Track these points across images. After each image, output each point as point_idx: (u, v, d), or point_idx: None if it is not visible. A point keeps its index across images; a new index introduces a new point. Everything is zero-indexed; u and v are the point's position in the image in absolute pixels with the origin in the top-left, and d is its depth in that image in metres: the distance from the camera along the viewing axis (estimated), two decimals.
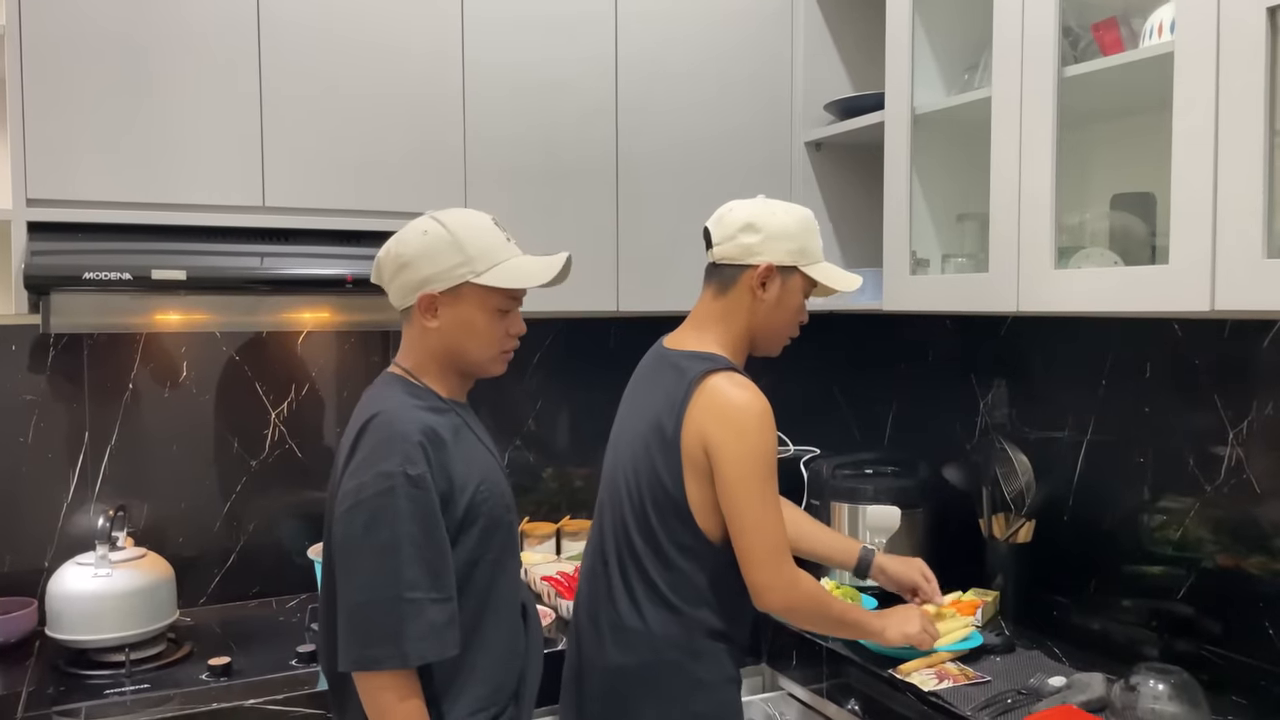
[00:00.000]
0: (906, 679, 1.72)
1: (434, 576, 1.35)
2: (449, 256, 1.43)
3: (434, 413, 1.44)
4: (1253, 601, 1.76)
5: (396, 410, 1.41)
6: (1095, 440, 2.06)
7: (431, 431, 1.40)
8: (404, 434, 1.38)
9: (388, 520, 1.34)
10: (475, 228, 1.46)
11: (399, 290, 1.46)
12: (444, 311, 1.46)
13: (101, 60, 1.77)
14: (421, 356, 1.50)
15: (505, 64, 2.09)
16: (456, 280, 1.43)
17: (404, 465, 1.35)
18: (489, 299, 1.46)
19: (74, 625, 1.82)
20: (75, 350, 2.09)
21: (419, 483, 1.35)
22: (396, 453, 1.36)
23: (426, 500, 1.36)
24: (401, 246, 1.44)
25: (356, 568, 1.35)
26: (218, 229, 1.87)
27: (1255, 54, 1.37)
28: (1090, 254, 1.76)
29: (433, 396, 1.48)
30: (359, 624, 1.34)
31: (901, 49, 2.06)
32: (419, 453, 1.37)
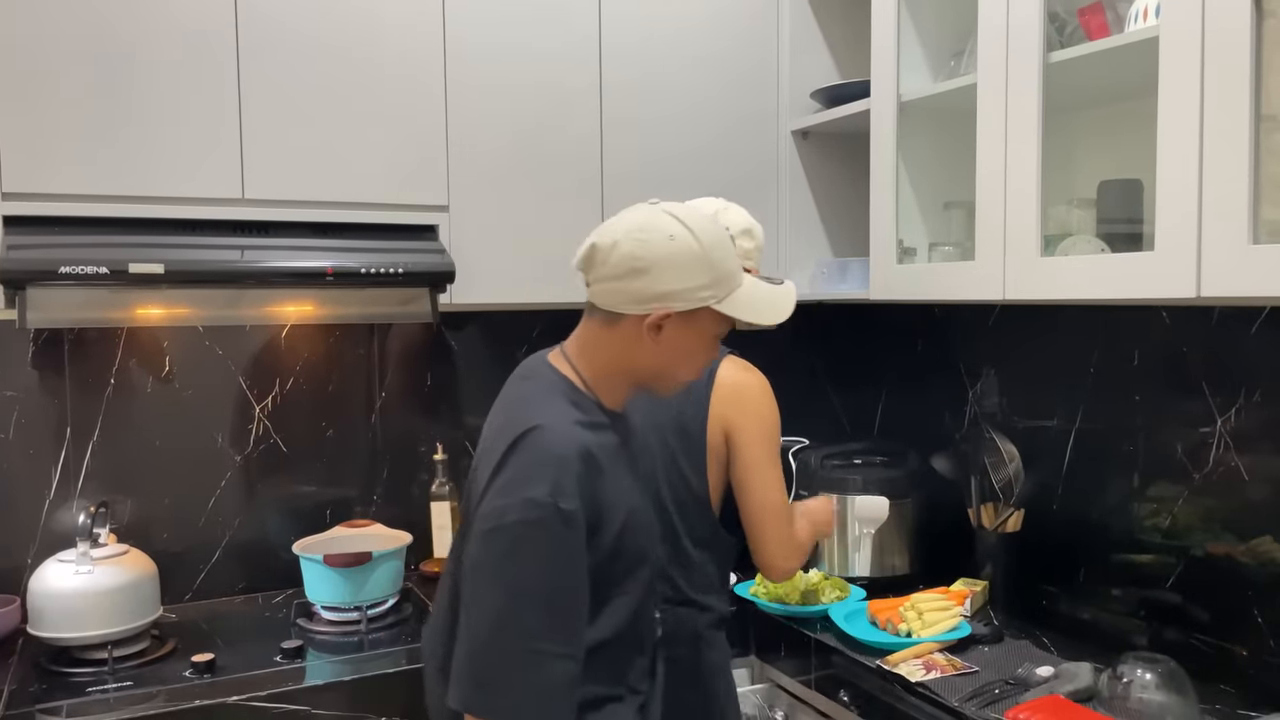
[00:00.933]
0: (894, 670, 1.71)
1: (565, 630, 1.20)
2: (697, 274, 1.27)
3: (595, 430, 1.29)
4: (1241, 590, 1.76)
5: (557, 426, 1.25)
6: (1084, 429, 2.05)
7: (590, 455, 1.24)
8: (561, 458, 1.22)
9: (527, 556, 1.19)
10: (722, 243, 1.29)
11: (626, 295, 1.28)
12: (669, 332, 1.29)
13: (77, 52, 1.75)
14: (610, 366, 1.34)
15: (488, 52, 2.07)
16: (698, 304, 1.28)
17: (555, 496, 1.19)
18: (718, 325, 1.32)
19: (56, 623, 1.80)
20: (56, 345, 2.07)
21: (570, 520, 1.20)
22: (549, 480, 1.20)
23: (574, 541, 1.21)
24: (642, 248, 1.26)
25: (484, 599, 1.21)
26: (197, 222, 1.86)
27: (1240, 38, 1.36)
28: (1077, 242, 1.75)
29: (596, 409, 1.33)
30: (474, 662, 1.20)
31: (887, 36, 2.04)
32: (574, 483, 1.21)
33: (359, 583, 2.00)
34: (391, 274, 1.89)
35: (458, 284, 2.02)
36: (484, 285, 2.08)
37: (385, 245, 1.94)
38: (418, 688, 1.79)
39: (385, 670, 1.78)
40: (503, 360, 2.46)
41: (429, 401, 2.41)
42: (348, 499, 2.34)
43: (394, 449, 2.38)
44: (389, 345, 2.37)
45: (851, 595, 2.06)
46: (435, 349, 2.41)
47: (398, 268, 1.89)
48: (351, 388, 2.33)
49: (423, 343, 2.40)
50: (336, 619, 2.02)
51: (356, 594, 2.00)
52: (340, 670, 1.78)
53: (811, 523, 1.77)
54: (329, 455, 2.31)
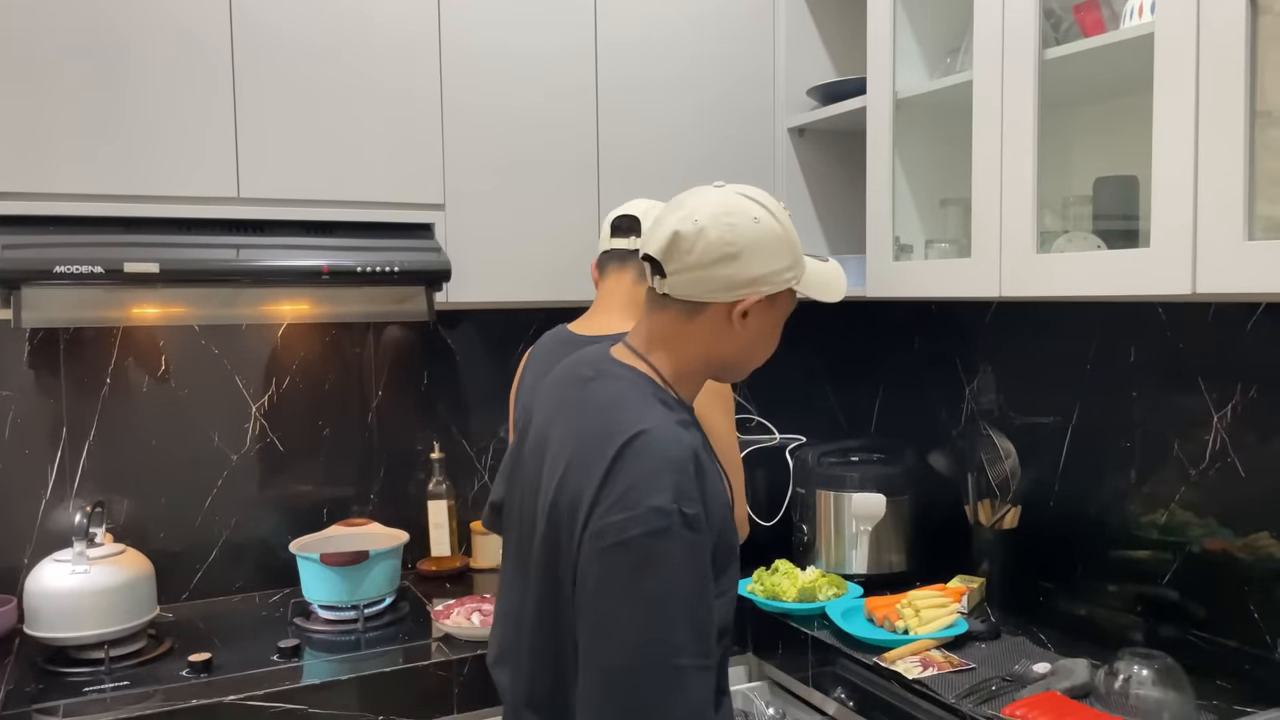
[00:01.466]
0: (891, 666, 1.71)
1: (704, 640, 1.15)
2: (783, 256, 1.25)
3: (690, 429, 1.24)
4: (1238, 585, 1.76)
5: (663, 428, 1.19)
6: (1080, 425, 2.05)
7: (696, 454, 1.19)
8: (678, 462, 1.16)
9: (662, 568, 1.12)
10: (788, 221, 1.28)
11: (716, 283, 1.23)
12: (754, 318, 1.26)
13: (72, 50, 1.75)
14: (692, 359, 1.29)
15: (483, 50, 2.07)
16: (784, 285, 1.25)
17: (679, 501, 1.13)
18: (787, 306, 1.30)
19: (52, 622, 1.80)
20: (51, 345, 2.07)
21: (695, 524, 1.14)
22: (670, 486, 1.14)
23: (701, 545, 1.16)
24: (731, 232, 1.22)
25: (621, 621, 1.13)
26: (192, 221, 1.85)
27: (1235, 34, 1.36)
28: (1073, 238, 1.76)
29: (682, 407, 1.28)
30: (622, 691, 1.12)
31: (883, 32, 2.04)
32: (694, 486, 1.16)
33: (356, 582, 2.00)
34: (387, 272, 1.88)
35: (453, 282, 2.01)
36: (480, 284, 2.07)
37: (381, 244, 1.93)
38: (415, 686, 1.79)
39: (382, 669, 1.77)
40: (499, 359, 2.46)
41: (426, 400, 2.41)
42: (344, 498, 2.33)
43: (391, 448, 2.38)
44: (385, 344, 2.37)
45: (848, 592, 2.06)
46: (431, 348, 2.41)
47: (393, 266, 1.89)
48: (348, 386, 2.33)
49: (419, 341, 2.40)
50: (333, 618, 2.02)
51: (353, 593, 2.00)
52: (337, 669, 1.78)
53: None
54: (325, 454, 2.31)
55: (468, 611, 1.95)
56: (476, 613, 1.94)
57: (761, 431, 2.55)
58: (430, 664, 1.81)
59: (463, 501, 2.43)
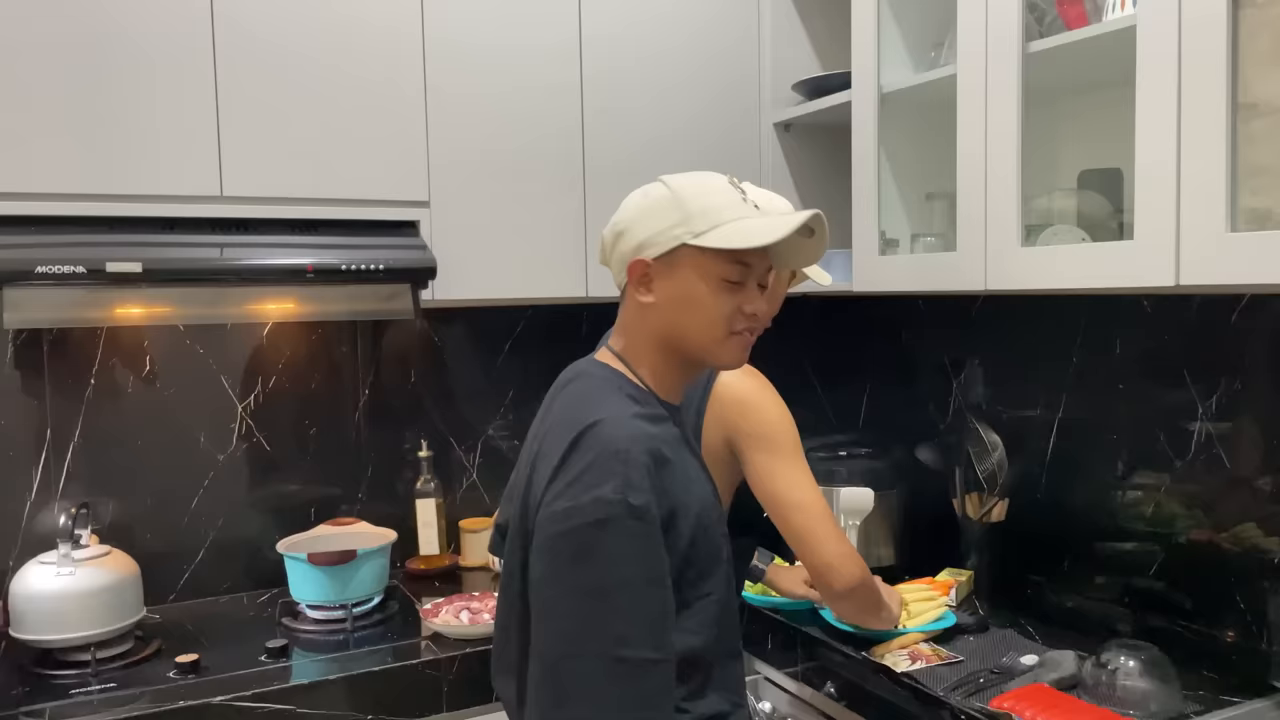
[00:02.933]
0: (880, 660, 1.71)
1: (653, 632, 1.12)
2: (666, 216, 1.23)
3: (655, 421, 1.23)
4: (1224, 576, 1.77)
5: (618, 419, 1.19)
6: (1067, 418, 2.06)
7: (655, 449, 1.18)
8: (626, 452, 1.15)
9: (602, 558, 1.11)
10: (701, 184, 1.25)
11: (616, 262, 1.29)
12: (660, 284, 1.25)
13: (53, 48, 1.73)
14: (639, 341, 1.30)
15: (467, 47, 2.06)
16: (672, 243, 1.23)
17: (625, 492, 1.12)
18: (710, 266, 1.23)
19: (38, 625, 1.79)
20: (35, 346, 2.06)
21: (642, 514, 1.13)
22: (616, 475, 1.13)
23: (651, 536, 1.14)
24: (620, 213, 1.28)
25: (558, 611, 1.13)
26: (175, 220, 1.84)
27: (1217, 26, 1.36)
28: (1058, 231, 1.76)
29: (652, 400, 1.28)
30: (558, 682, 1.11)
31: (867, 26, 2.04)
32: (643, 477, 1.14)
33: (344, 581, 2.00)
34: (372, 270, 1.88)
35: (440, 280, 2.01)
36: (466, 281, 2.07)
37: (366, 242, 1.93)
38: (403, 685, 1.79)
39: (371, 668, 1.77)
40: (486, 356, 2.46)
41: (413, 398, 2.40)
42: (332, 497, 2.33)
43: (378, 446, 2.37)
44: (372, 342, 2.36)
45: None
46: (418, 346, 2.40)
47: (378, 264, 1.89)
48: (335, 385, 2.32)
49: (406, 339, 2.39)
50: (322, 617, 2.02)
51: (341, 592, 2.00)
52: (326, 669, 1.77)
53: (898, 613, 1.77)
54: (313, 453, 2.30)
55: (456, 610, 1.95)
56: (465, 611, 1.94)
57: None
58: (419, 663, 1.80)
59: (451, 500, 2.43)
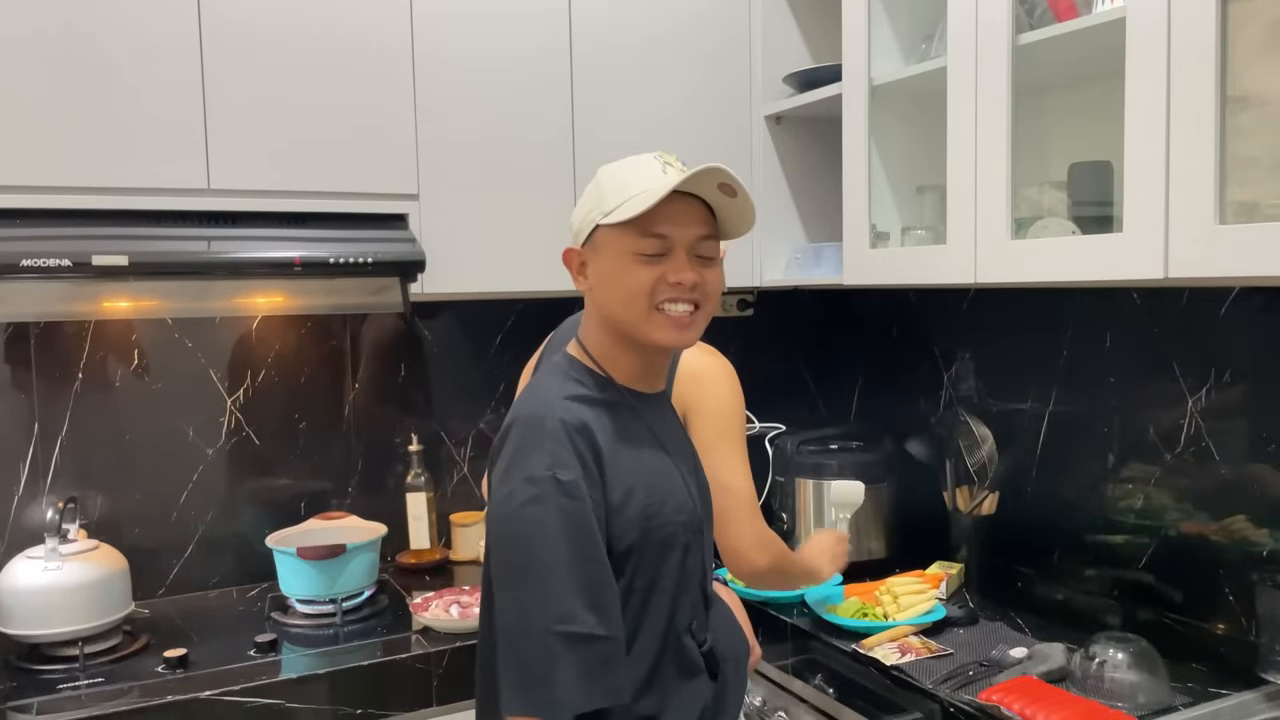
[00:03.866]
0: (870, 653, 1.72)
1: (595, 606, 1.14)
2: (587, 202, 1.28)
3: (597, 405, 1.24)
4: (1213, 569, 1.77)
5: (547, 401, 1.22)
6: (1057, 411, 2.06)
7: (583, 426, 1.19)
8: (552, 431, 1.17)
9: (536, 535, 1.14)
10: (623, 167, 1.26)
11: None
12: (591, 270, 1.29)
13: (37, 41, 1.72)
14: (591, 328, 1.33)
15: (456, 38, 2.05)
16: (588, 226, 1.26)
17: (553, 468, 1.15)
18: (621, 242, 1.23)
19: (25, 620, 1.78)
20: (22, 340, 2.04)
21: (571, 490, 1.14)
22: (545, 454, 1.16)
23: (581, 511, 1.15)
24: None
25: (508, 594, 1.16)
26: (162, 213, 1.83)
27: (1206, 18, 1.36)
28: (1048, 224, 1.75)
29: (603, 383, 1.28)
30: (513, 663, 1.14)
31: (858, 19, 2.03)
32: (569, 453, 1.16)
33: (334, 575, 1.99)
34: (361, 263, 1.87)
35: (429, 273, 2.00)
36: (455, 274, 2.06)
37: (354, 235, 1.92)
38: (393, 680, 1.79)
39: (361, 662, 1.77)
40: (477, 349, 2.45)
41: (403, 392, 2.39)
42: (322, 491, 2.32)
43: (368, 440, 2.36)
44: (361, 336, 2.35)
45: None
46: (408, 339, 2.40)
47: (367, 257, 1.88)
48: (324, 379, 2.31)
49: (395, 333, 2.38)
50: (311, 612, 2.01)
51: (331, 586, 1.99)
52: (315, 663, 1.77)
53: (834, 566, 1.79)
54: (302, 447, 2.30)
55: (447, 604, 1.94)
56: (455, 605, 1.94)
57: None
58: (409, 657, 1.80)
59: (441, 493, 2.42)
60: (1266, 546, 1.69)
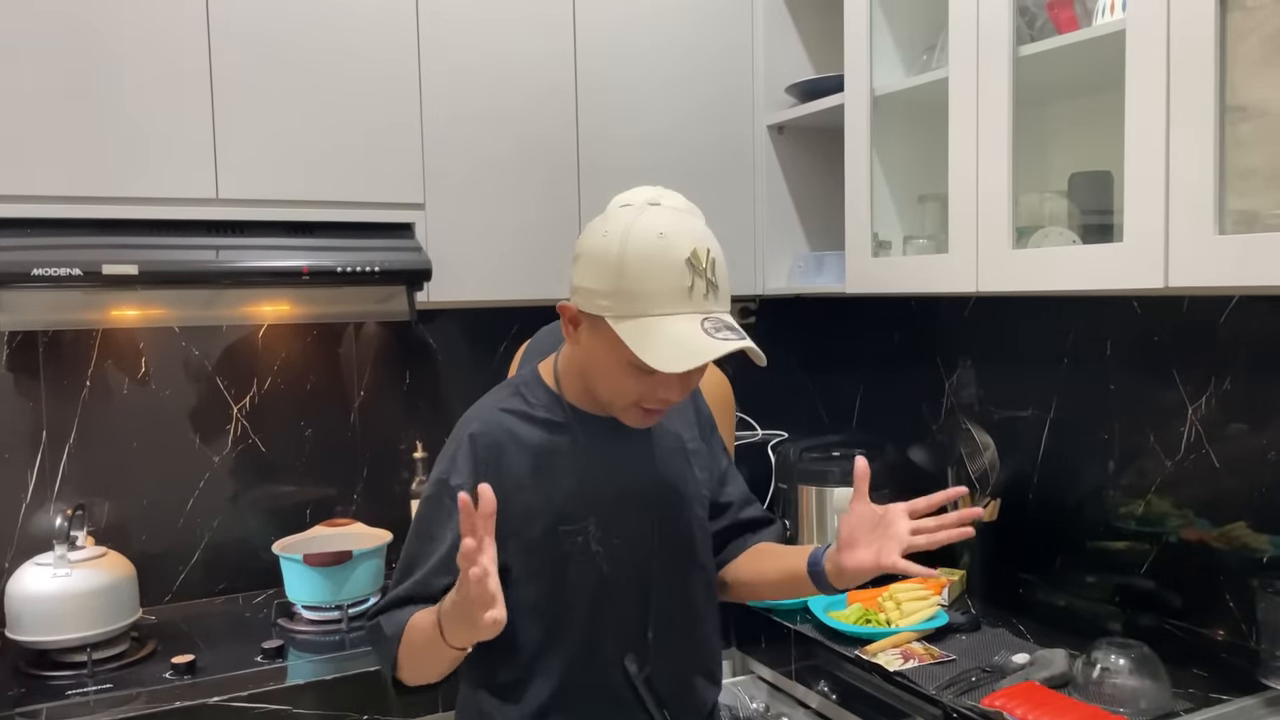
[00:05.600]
0: (873, 659, 1.72)
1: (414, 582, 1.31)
2: (602, 279, 1.19)
3: (525, 419, 1.31)
4: (1213, 575, 1.78)
5: (479, 410, 1.34)
6: (1058, 418, 2.07)
7: (496, 439, 1.28)
8: (459, 439, 1.31)
9: (416, 527, 1.32)
10: (650, 258, 1.16)
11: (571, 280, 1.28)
12: (583, 334, 1.25)
13: (47, 52, 1.74)
14: (574, 359, 1.32)
15: (462, 50, 2.07)
16: (595, 310, 1.20)
17: (450, 473, 1.29)
18: (623, 351, 1.18)
19: (34, 626, 1.80)
20: (30, 348, 2.06)
21: (455, 495, 1.17)
22: (447, 459, 1.31)
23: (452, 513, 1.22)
24: (585, 234, 1.24)
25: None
26: (171, 222, 1.85)
27: (1205, 30, 1.37)
28: (1049, 233, 1.77)
29: (550, 402, 1.32)
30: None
31: (860, 30, 2.05)
32: (467, 461, 1.28)
33: (339, 582, 2.00)
34: (367, 272, 1.88)
35: (434, 281, 2.01)
36: (461, 283, 2.08)
37: (361, 244, 1.93)
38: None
39: (367, 669, 1.78)
40: (481, 357, 2.46)
41: (408, 399, 2.40)
42: (327, 498, 2.33)
43: (373, 447, 2.37)
44: (367, 344, 2.36)
45: None
46: (413, 347, 2.41)
47: (374, 266, 1.89)
48: (330, 387, 2.33)
49: (401, 341, 2.40)
50: (317, 618, 2.02)
51: (337, 593, 2.00)
52: (321, 669, 1.78)
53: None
54: (308, 455, 2.31)
55: None
56: None
57: (744, 427, 2.56)
58: None
59: None
60: (1267, 553, 1.70)
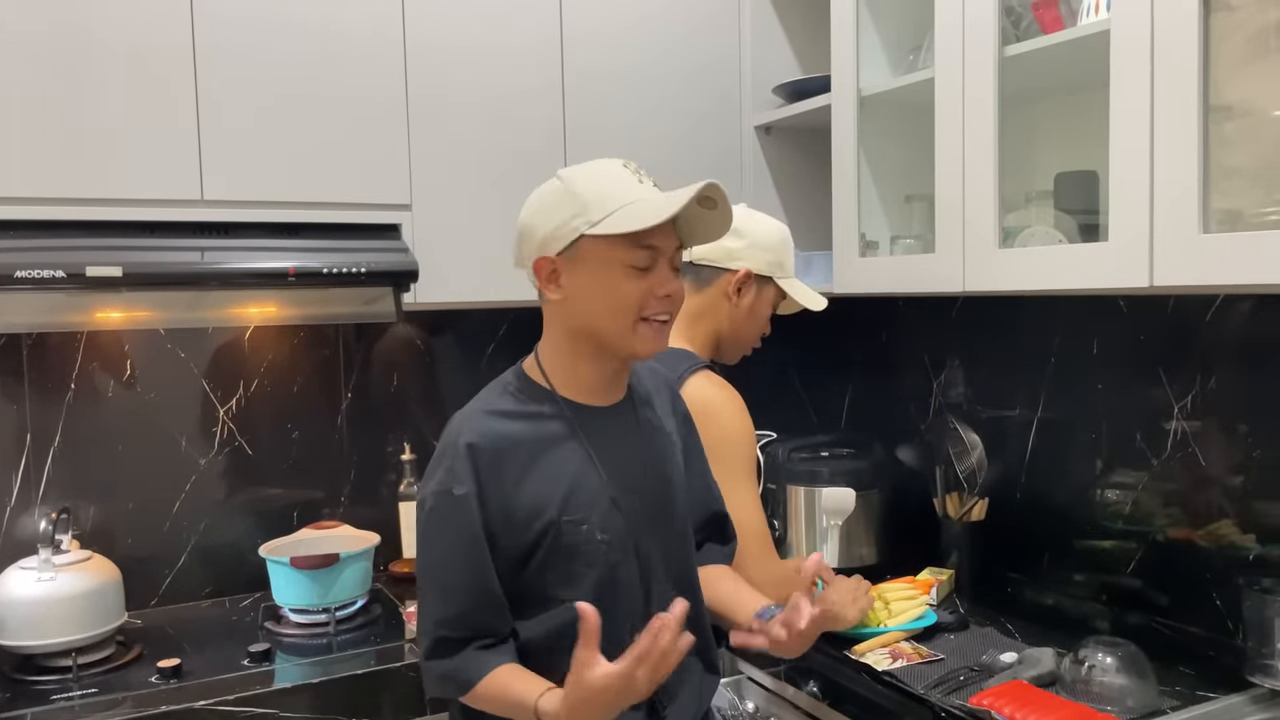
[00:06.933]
0: (862, 659, 1.72)
1: (458, 614, 1.26)
2: (562, 209, 1.23)
3: (518, 418, 1.29)
4: (1199, 573, 1.79)
5: (467, 416, 1.30)
6: (1045, 418, 2.08)
7: (493, 443, 1.26)
8: (455, 446, 1.26)
9: (428, 544, 1.28)
10: (594, 173, 1.26)
11: (523, 262, 1.30)
12: (567, 280, 1.26)
13: (29, 51, 1.73)
14: (555, 340, 1.32)
15: (449, 48, 2.06)
16: (571, 235, 1.23)
17: (450, 484, 1.24)
18: (613, 253, 1.22)
19: (18, 631, 1.78)
20: (14, 351, 2.05)
21: (461, 504, 1.23)
22: (444, 468, 1.26)
23: (467, 526, 1.24)
24: (523, 213, 1.29)
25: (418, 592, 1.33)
26: (155, 224, 1.83)
27: (1188, 30, 1.38)
28: (1035, 233, 1.77)
29: (541, 397, 1.31)
30: (423, 662, 1.31)
31: (846, 30, 2.05)
32: (467, 468, 1.24)
33: (327, 584, 1.99)
34: (354, 273, 1.88)
35: (421, 283, 2.01)
36: (448, 284, 2.07)
37: (347, 245, 1.93)
38: (388, 688, 1.79)
39: (355, 671, 1.77)
40: (469, 358, 2.46)
41: (395, 401, 2.40)
42: (315, 500, 2.32)
43: (361, 450, 2.37)
44: (354, 345, 2.36)
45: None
46: (400, 348, 2.40)
47: (360, 267, 1.89)
48: (317, 389, 2.32)
49: (388, 342, 2.39)
50: (304, 621, 2.01)
51: (324, 596, 1.99)
52: (309, 673, 1.77)
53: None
54: (295, 457, 2.30)
55: None
56: None
57: None
58: (403, 666, 1.80)
59: None
60: (1252, 551, 1.71)
